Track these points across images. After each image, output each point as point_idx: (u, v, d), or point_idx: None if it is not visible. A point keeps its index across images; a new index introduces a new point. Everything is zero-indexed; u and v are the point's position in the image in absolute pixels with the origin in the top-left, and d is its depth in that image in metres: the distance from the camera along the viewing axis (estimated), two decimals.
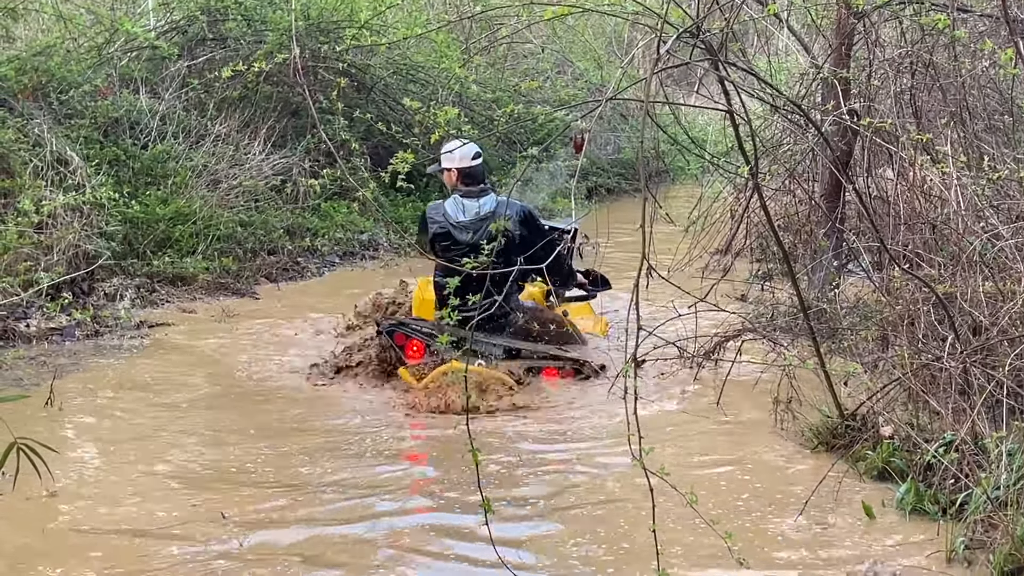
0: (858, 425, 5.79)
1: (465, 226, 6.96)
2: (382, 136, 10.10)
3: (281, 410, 6.62)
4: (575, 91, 16.03)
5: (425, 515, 5.16)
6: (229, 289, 9.85)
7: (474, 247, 6.71)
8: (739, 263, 9.78)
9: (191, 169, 10.76)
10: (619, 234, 7.93)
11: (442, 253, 7.02)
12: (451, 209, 7.04)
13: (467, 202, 7.01)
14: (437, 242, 7.06)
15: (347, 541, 4.81)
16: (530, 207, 7.25)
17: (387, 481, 5.55)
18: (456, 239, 6.97)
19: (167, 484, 5.40)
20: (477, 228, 6.91)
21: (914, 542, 4.80)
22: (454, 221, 6.99)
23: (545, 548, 4.80)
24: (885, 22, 8.11)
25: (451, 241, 7.00)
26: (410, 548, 4.77)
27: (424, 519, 5.09)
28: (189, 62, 11.84)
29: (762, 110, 9.34)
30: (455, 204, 7.04)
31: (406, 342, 7.08)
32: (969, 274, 5.99)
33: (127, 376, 7.23)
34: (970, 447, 5.01)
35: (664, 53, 4.49)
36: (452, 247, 6.98)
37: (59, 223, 8.75)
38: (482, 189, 7.06)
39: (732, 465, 5.83)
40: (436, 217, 7.09)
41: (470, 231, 6.94)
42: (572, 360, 7.05)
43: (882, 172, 8.58)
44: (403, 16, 13.59)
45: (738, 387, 6.75)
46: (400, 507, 5.24)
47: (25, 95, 10.03)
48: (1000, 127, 7.74)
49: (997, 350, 5.48)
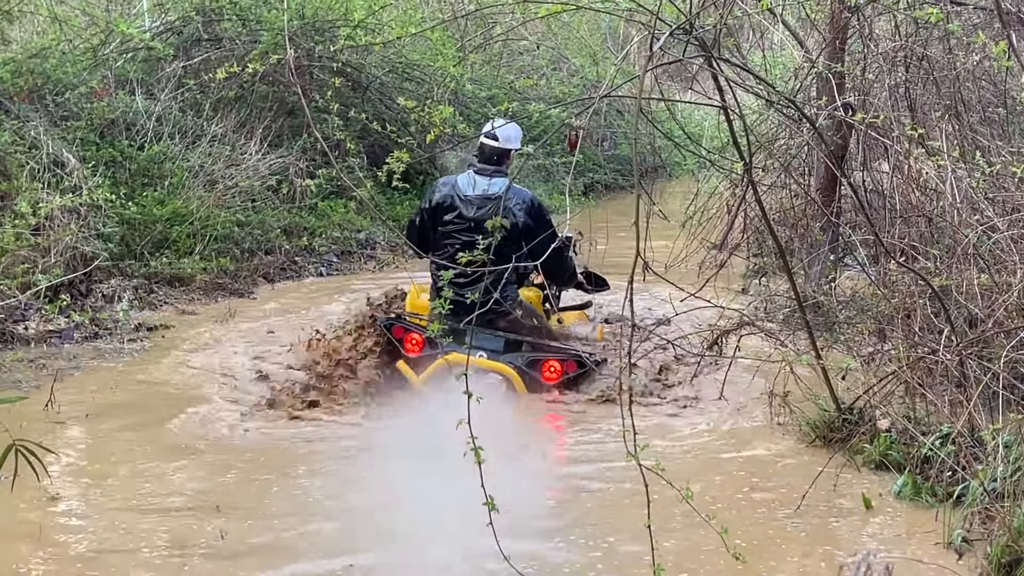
0: (855, 418, 5.81)
1: (471, 200, 6.87)
2: (378, 135, 10.11)
3: (280, 413, 6.61)
4: (571, 88, 16.01)
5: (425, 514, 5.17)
6: (227, 289, 9.85)
7: (477, 224, 6.71)
8: (737, 258, 9.78)
9: (188, 170, 10.76)
10: (616, 230, 7.94)
11: (442, 227, 6.96)
12: (462, 182, 6.98)
13: (479, 178, 6.93)
14: (440, 212, 6.97)
15: (343, 536, 4.82)
16: (538, 198, 7.18)
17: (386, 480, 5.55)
18: (460, 212, 6.91)
19: (166, 487, 5.40)
20: (481, 206, 6.84)
21: (912, 534, 4.82)
22: (462, 194, 6.93)
23: (543, 543, 4.81)
24: (879, 16, 8.11)
25: (455, 213, 6.92)
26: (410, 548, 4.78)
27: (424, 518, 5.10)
28: (185, 63, 11.83)
29: (757, 105, 9.34)
30: (467, 178, 6.98)
31: (404, 335, 7.07)
32: (965, 267, 6.00)
33: (126, 378, 7.23)
34: (967, 439, 5.03)
35: (657, 50, 4.49)
36: (455, 220, 6.91)
37: (56, 225, 8.75)
38: (496, 170, 6.97)
39: (730, 459, 5.85)
40: (444, 188, 7.03)
41: (474, 206, 6.87)
42: (574, 353, 7.04)
43: (878, 166, 8.59)
44: (398, 15, 13.58)
45: (735, 381, 6.76)
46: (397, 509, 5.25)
47: (21, 97, 10.03)
48: (995, 119, 7.74)
49: (993, 342, 5.49)
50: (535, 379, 6.88)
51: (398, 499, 5.16)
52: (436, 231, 7.00)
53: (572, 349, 7.13)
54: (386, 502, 5.15)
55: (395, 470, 5.51)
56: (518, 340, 6.99)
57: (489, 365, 6.80)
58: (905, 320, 6.30)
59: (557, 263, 7.03)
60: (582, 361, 6.98)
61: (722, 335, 7.03)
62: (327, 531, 4.94)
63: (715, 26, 5.13)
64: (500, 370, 6.79)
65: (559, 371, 6.91)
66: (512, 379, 6.80)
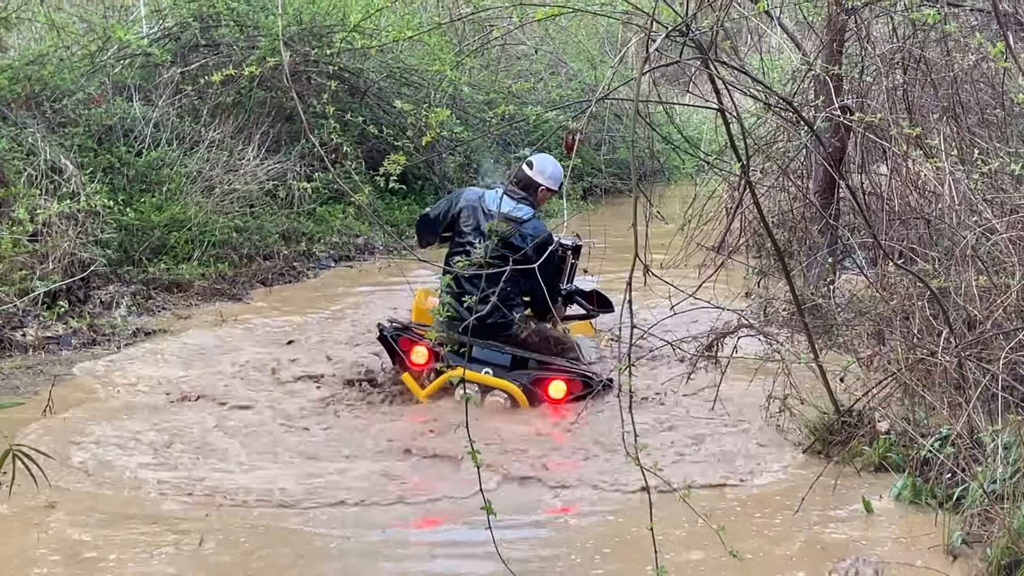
0: (854, 421, 5.81)
1: (492, 215, 6.87)
2: (377, 139, 10.10)
3: (276, 418, 6.61)
4: (568, 91, 16.01)
5: (425, 517, 5.16)
6: (225, 295, 9.84)
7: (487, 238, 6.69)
8: (737, 260, 9.78)
9: (185, 175, 10.76)
10: (616, 234, 7.92)
11: (458, 237, 6.97)
12: (489, 197, 7.01)
13: (506, 200, 6.94)
14: (459, 218, 7.00)
15: (345, 546, 4.82)
16: (555, 238, 7.06)
17: (384, 486, 5.55)
18: (478, 225, 6.90)
19: (163, 493, 5.39)
20: None
21: (911, 536, 4.82)
22: (485, 208, 6.95)
23: (543, 546, 4.81)
24: (876, 18, 8.11)
25: (473, 225, 6.93)
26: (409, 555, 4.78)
27: (424, 521, 5.10)
28: (182, 68, 11.82)
29: (755, 107, 9.34)
30: (495, 195, 7.00)
31: (411, 347, 7.01)
32: (963, 268, 5.99)
33: (123, 384, 7.22)
34: (966, 441, 5.01)
35: (653, 52, 4.49)
36: (472, 232, 6.91)
37: (54, 231, 8.74)
38: (524, 198, 6.97)
39: (729, 462, 5.83)
40: (471, 196, 7.06)
41: (492, 220, 6.88)
42: (580, 372, 6.99)
43: (876, 168, 8.58)
44: (395, 19, 13.58)
45: (734, 384, 6.76)
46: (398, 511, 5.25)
47: (19, 104, 10.03)
48: (993, 121, 7.73)
49: (992, 344, 5.48)
50: (540, 397, 6.85)
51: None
52: (453, 240, 7.03)
53: (579, 368, 7.01)
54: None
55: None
56: (525, 357, 6.95)
57: (494, 382, 6.76)
58: (904, 322, 6.29)
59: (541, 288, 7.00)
60: (588, 381, 6.89)
61: (720, 337, 7.02)
62: (327, 531, 4.95)
63: (711, 28, 5.12)
64: (505, 388, 6.75)
65: (565, 390, 6.85)
66: (515, 396, 6.76)
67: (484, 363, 6.84)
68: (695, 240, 10.13)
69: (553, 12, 5.43)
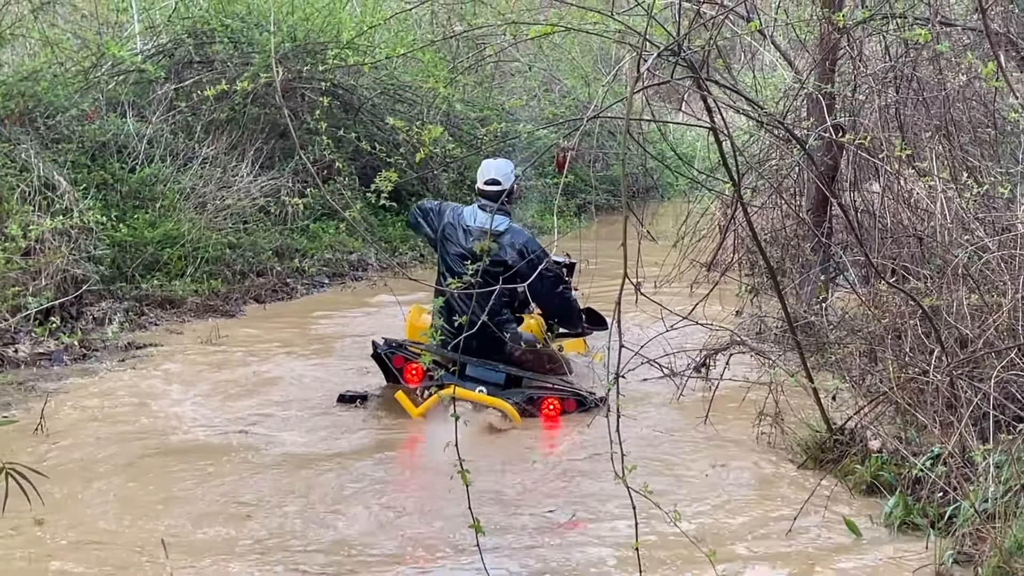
0: (846, 439, 5.80)
1: (471, 231, 7.02)
2: (370, 156, 10.11)
3: (268, 434, 6.60)
4: (562, 109, 16.02)
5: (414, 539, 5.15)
6: (218, 311, 9.82)
7: (473, 255, 6.74)
8: (730, 277, 9.78)
9: (179, 192, 10.75)
10: (608, 251, 7.92)
11: (442, 257, 7.13)
12: (467, 213, 7.17)
13: (480, 214, 7.06)
14: (444, 238, 7.13)
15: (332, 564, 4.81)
16: (534, 242, 7.16)
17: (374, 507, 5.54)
18: (460, 240, 7.04)
19: (155, 510, 5.38)
20: (479, 238, 6.92)
21: (903, 556, 4.81)
22: (465, 224, 7.07)
23: (531, 566, 4.79)
24: (869, 37, 8.14)
25: (455, 240, 7.07)
26: None
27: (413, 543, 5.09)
28: (176, 85, 11.82)
29: (748, 126, 9.36)
30: (472, 211, 7.17)
31: (405, 365, 7.02)
32: (955, 287, 6.01)
33: (115, 401, 7.20)
34: (958, 460, 5.02)
35: (645, 71, 4.50)
36: (455, 247, 7.04)
37: (47, 248, 8.73)
38: (499, 208, 7.04)
39: (719, 481, 5.83)
40: (454, 213, 7.21)
41: (473, 237, 6.99)
42: (574, 391, 7.00)
43: (868, 186, 8.61)
44: (389, 36, 13.60)
45: (726, 402, 6.75)
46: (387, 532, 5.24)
47: (12, 120, 10.01)
48: (985, 139, 7.76)
49: (983, 363, 5.50)
50: (533, 415, 6.85)
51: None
52: (442, 261, 7.16)
53: (572, 387, 7.04)
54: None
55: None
56: (519, 376, 6.98)
57: (488, 401, 6.77)
58: (896, 340, 6.30)
59: (556, 306, 7.15)
60: (582, 400, 6.92)
61: (711, 355, 7.03)
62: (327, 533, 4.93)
63: (702, 47, 5.14)
64: (498, 407, 6.75)
65: (558, 409, 6.86)
66: (508, 413, 6.76)
67: (479, 381, 6.86)
68: (688, 257, 10.14)
69: (546, 31, 5.47)
